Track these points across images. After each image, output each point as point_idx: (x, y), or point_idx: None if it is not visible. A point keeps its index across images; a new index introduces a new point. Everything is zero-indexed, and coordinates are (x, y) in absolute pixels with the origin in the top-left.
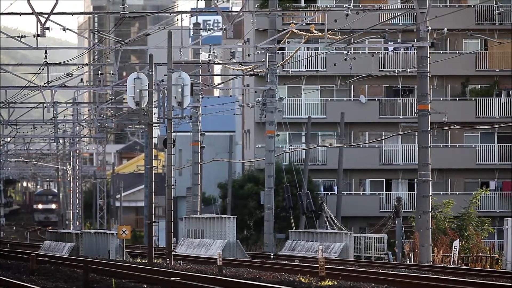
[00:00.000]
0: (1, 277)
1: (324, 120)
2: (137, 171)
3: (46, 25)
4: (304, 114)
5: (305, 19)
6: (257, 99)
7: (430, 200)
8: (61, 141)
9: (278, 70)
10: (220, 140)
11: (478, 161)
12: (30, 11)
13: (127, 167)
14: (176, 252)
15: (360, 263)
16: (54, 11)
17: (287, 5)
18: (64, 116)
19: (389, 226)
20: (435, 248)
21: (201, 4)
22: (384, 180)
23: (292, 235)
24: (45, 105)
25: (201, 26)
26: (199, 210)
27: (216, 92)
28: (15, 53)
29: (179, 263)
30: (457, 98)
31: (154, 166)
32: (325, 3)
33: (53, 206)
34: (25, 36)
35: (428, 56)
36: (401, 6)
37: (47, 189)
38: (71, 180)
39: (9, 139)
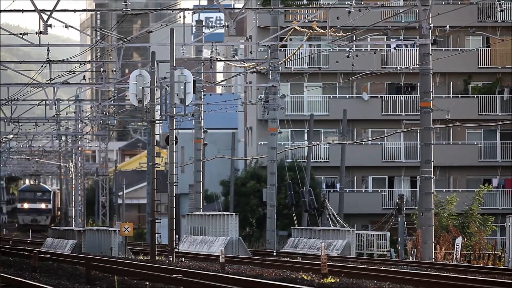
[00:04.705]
0: (4, 274)
1: (327, 118)
2: (139, 168)
3: (49, 22)
4: (306, 112)
5: (307, 16)
6: (259, 97)
7: (433, 197)
8: (63, 138)
9: (280, 68)
10: (223, 137)
11: (481, 158)
12: (33, 8)
13: (130, 164)
14: (178, 249)
15: (362, 260)
16: (57, 9)
17: (290, 2)
18: (67, 114)
19: (392, 223)
20: (438, 245)
21: (204, 2)
22: (387, 177)
23: (294, 232)
24: (47, 102)
25: (203, 23)
26: (201, 207)
27: (219, 89)
28: (17, 50)
29: (181, 260)
30: (460, 95)
31: (157, 163)
32: (328, 0)
33: (43, 205)
34: (27, 34)
35: (431, 53)
36: (404, 3)
37: (35, 184)
38: (74, 178)
39: (11, 136)
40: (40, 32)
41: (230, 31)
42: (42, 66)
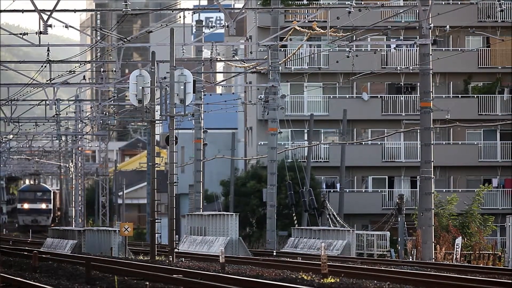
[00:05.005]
0: (4, 275)
1: (327, 118)
2: (139, 169)
3: (49, 23)
4: (306, 112)
5: (307, 16)
6: (259, 97)
7: (433, 197)
8: (63, 138)
9: (280, 67)
10: (223, 137)
11: (481, 159)
12: (33, 8)
13: (130, 164)
14: (178, 249)
15: (362, 261)
16: (57, 9)
17: (290, 2)
18: (67, 114)
19: (392, 224)
20: (438, 245)
21: (204, 2)
22: (387, 177)
23: (294, 233)
24: (47, 102)
25: (204, 23)
26: (201, 207)
27: (219, 90)
28: (18, 50)
29: (181, 260)
30: (460, 95)
31: (157, 164)
32: (328, 0)
33: (43, 205)
34: (27, 34)
35: (431, 53)
36: (404, 3)
37: (35, 184)
38: (74, 178)
39: (11, 136)
40: (40, 32)
41: (230, 31)
42: (42, 66)
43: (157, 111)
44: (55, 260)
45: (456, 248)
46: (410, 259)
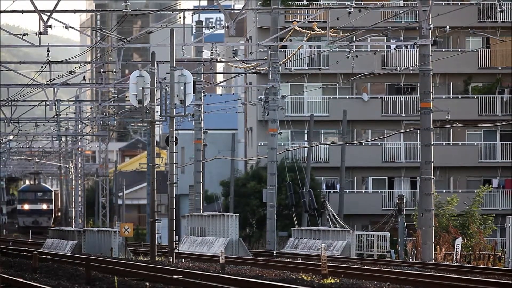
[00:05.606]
0: (4, 275)
1: (327, 118)
2: (139, 169)
3: (49, 23)
4: (306, 112)
5: (307, 17)
6: (259, 97)
7: (433, 198)
8: (63, 139)
9: (280, 68)
10: (223, 138)
11: (481, 159)
12: (33, 9)
13: (130, 165)
14: (178, 250)
15: (362, 261)
16: (56, 9)
17: (290, 3)
18: (67, 114)
19: (392, 224)
20: (438, 246)
21: (204, 2)
22: (387, 178)
23: (294, 233)
24: (47, 103)
25: (204, 24)
26: (201, 208)
27: (219, 90)
28: (18, 51)
29: (181, 261)
30: (460, 96)
31: (157, 164)
32: (328, 1)
33: (44, 206)
34: (27, 34)
35: (431, 54)
36: (404, 4)
37: (35, 184)
38: (74, 178)
39: (11, 137)
40: (40, 33)
41: (230, 31)
42: (42, 66)
43: (157, 111)
44: (55, 260)
45: (456, 248)
46: (410, 260)
